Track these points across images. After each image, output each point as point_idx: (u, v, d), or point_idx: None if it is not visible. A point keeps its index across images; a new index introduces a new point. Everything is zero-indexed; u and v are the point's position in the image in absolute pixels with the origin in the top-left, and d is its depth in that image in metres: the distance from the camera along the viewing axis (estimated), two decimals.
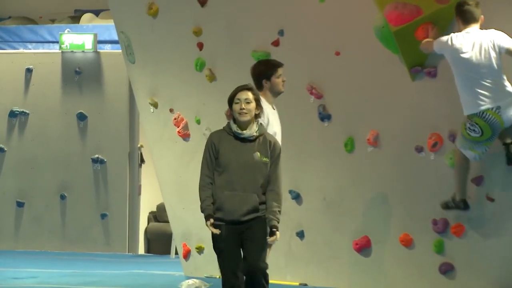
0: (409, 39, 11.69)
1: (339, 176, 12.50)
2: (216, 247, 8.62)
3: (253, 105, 8.53)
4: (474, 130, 10.84)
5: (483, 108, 10.72)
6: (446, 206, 11.54)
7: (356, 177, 12.36)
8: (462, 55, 10.83)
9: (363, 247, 12.45)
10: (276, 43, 12.65)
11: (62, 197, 18.00)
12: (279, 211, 8.47)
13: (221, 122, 13.04)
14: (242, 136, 8.49)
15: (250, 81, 10.85)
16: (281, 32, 12.63)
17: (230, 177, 8.42)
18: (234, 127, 8.53)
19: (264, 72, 10.84)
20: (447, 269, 11.90)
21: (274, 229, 8.39)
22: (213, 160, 8.50)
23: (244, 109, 8.46)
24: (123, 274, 14.33)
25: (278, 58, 11.58)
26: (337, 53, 12.29)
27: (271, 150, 8.52)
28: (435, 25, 11.50)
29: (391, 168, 12.18)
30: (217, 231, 8.41)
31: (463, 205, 11.39)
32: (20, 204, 18.12)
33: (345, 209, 12.31)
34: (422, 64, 11.87)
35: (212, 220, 8.40)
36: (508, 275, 11.49)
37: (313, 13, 12.41)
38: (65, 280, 13.53)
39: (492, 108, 10.70)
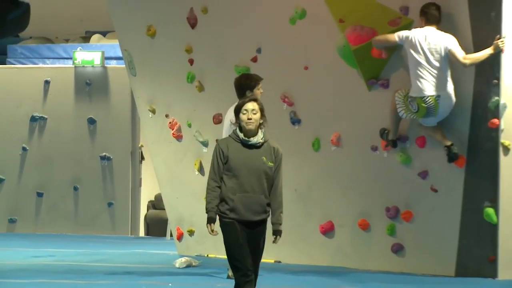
0: (365, 56, 11.73)
1: (308, 171, 12.50)
2: (229, 241, 7.89)
3: (258, 115, 7.84)
4: (412, 106, 11.24)
5: (427, 93, 11.07)
6: (382, 133, 11.82)
7: (322, 172, 12.37)
8: (418, 45, 11.11)
9: (328, 230, 12.46)
10: (254, 59, 12.64)
11: (75, 188, 17.97)
12: (281, 212, 7.90)
13: (208, 125, 13.13)
14: (249, 143, 7.78)
15: (233, 90, 10.97)
16: (258, 50, 12.63)
17: (241, 181, 7.70)
18: (241, 135, 7.81)
19: (249, 84, 10.92)
20: (398, 249, 11.92)
21: (277, 235, 7.85)
22: (221, 166, 7.77)
23: (251, 119, 7.77)
24: (126, 253, 14.31)
25: (256, 72, 11.66)
26: (306, 68, 12.29)
27: (275, 155, 7.85)
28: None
29: (351, 164, 12.19)
30: (215, 234, 7.78)
31: (392, 143, 11.72)
32: (39, 194, 18.09)
33: (313, 199, 12.31)
34: (377, 77, 11.91)
35: (212, 226, 7.75)
36: (448, 252, 11.53)
37: (285, 34, 12.41)
38: (78, 258, 13.51)
39: (433, 96, 11.06)
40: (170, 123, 13.61)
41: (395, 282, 11.08)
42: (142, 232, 18.36)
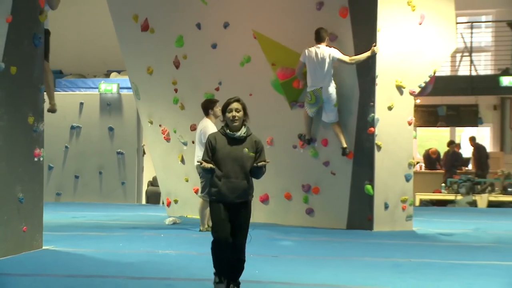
0: (289, 87, 11.79)
1: None
2: (213, 215, 6.52)
3: (242, 113, 6.56)
4: (308, 97, 11.45)
5: (315, 87, 11.30)
6: (300, 136, 11.87)
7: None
8: (310, 58, 11.30)
9: (265, 200, 12.47)
10: (217, 89, 12.63)
11: (100, 172, 17.83)
12: (263, 165, 6.62)
13: (187, 132, 13.06)
14: (233, 136, 6.48)
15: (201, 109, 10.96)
16: (220, 83, 12.62)
17: (226, 168, 6.39)
18: (227, 130, 6.52)
19: (209, 105, 10.96)
20: (310, 211, 11.97)
21: (261, 163, 6.52)
22: (209, 154, 6.43)
23: (235, 116, 6.49)
24: (133, 215, 14.23)
25: (217, 97, 11.66)
26: (250, 95, 12.27)
27: (256, 146, 6.59)
28: (302, 79, 11.63)
29: (280, 157, 12.21)
30: (209, 165, 6.37)
31: (308, 142, 11.82)
32: (76, 177, 17.92)
33: (256, 179, 12.29)
34: (296, 100, 11.95)
35: (207, 163, 6.37)
36: (342, 214, 11.59)
37: (237, 72, 12.42)
38: (101, 218, 13.41)
39: (319, 87, 11.29)
40: (162, 130, 13.57)
41: (308, 233, 11.11)
42: (144, 201, 18.29)
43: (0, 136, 8.33)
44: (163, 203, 15.10)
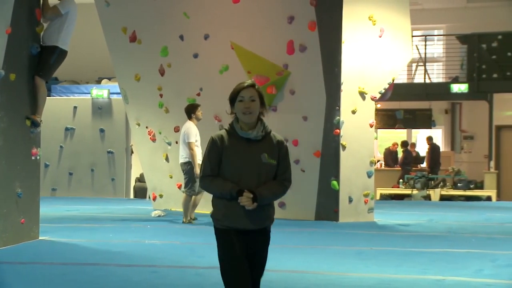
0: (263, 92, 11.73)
1: None
2: (223, 255, 4.04)
3: (257, 103, 4.17)
4: None
5: None
6: None
7: None
8: None
9: None
10: (198, 94, 12.59)
11: (92, 170, 17.66)
12: (270, 192, 4.10)
13: (171, 133, 13.00)
14: (247, 137, 4.11)
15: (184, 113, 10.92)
16: (201, 89, 12.58)
17: (238, 181, 3.99)
18: (238, 128, 4.15)
19: (192, 109, 10.93)
20: (282, 205, 11.92)
21: (251, 195, 3.96)
22: (213, 162, 4.08)
23: (249, 107, 4.13)
24: (122, 208, 14.13)
25: (198, 102, 11.62)
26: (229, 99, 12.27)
27: (279, 150, 4.15)
28: (275, 86, 11.63)
29: None
30: (252, 203, 3.96)
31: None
32: (70, 173, 17.73)
33: None
34: (270, 105, 11.93)
35: (245, 195, 3.94)
36: (311, 206, 11.61)
37: (216, 79, 12.40)
38: (93, 211, 13.31)
39: None
40: (148, 131, 13.49)
41: (280, 224, 11.04)
42: (132, 196, 18.17)
43: (0, 136, 8.26)
44: (149, 198, 15.02)
